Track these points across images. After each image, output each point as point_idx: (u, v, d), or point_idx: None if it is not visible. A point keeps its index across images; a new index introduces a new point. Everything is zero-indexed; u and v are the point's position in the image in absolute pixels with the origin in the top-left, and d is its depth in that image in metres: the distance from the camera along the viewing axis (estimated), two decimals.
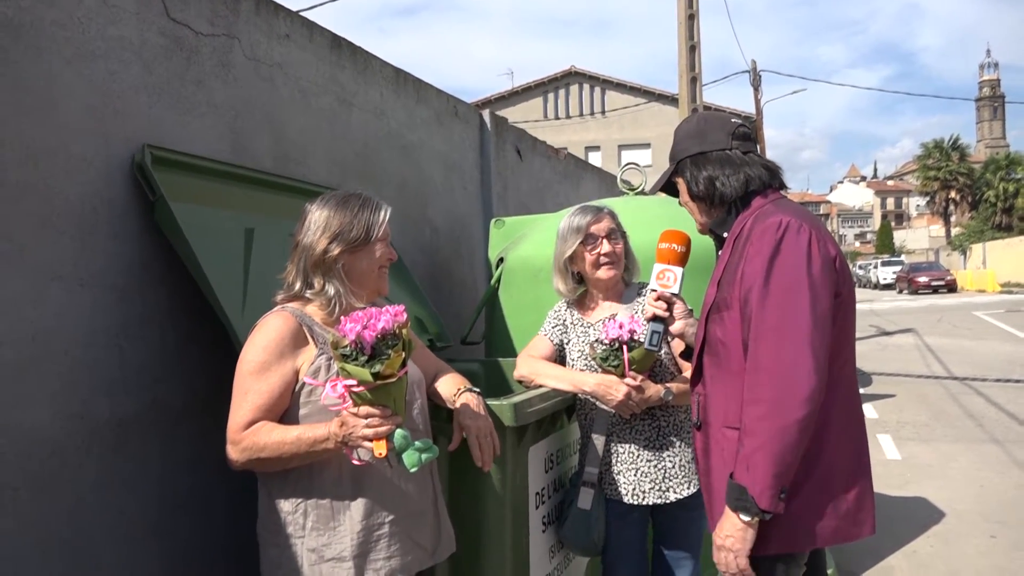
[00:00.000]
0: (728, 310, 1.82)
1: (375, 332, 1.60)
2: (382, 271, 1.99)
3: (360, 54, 3.74)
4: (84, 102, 2.27)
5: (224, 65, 2.83)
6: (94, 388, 2.24)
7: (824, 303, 1.73)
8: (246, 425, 1.78)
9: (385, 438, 1.65)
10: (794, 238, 1.74)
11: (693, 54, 12.97)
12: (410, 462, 1.67)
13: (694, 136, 2.02)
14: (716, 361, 1.88)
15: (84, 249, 2.24)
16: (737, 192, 1.94)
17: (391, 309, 1.66)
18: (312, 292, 1.92)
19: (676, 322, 2.16)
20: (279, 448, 1.74)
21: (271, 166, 3.05)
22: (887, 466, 6.38)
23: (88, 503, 2.20)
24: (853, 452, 1.84)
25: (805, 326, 1.69)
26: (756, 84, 22.98)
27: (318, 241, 1.90)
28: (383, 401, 1.64)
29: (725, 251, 1.92)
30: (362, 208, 1.94)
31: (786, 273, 1.72)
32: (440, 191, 4.54)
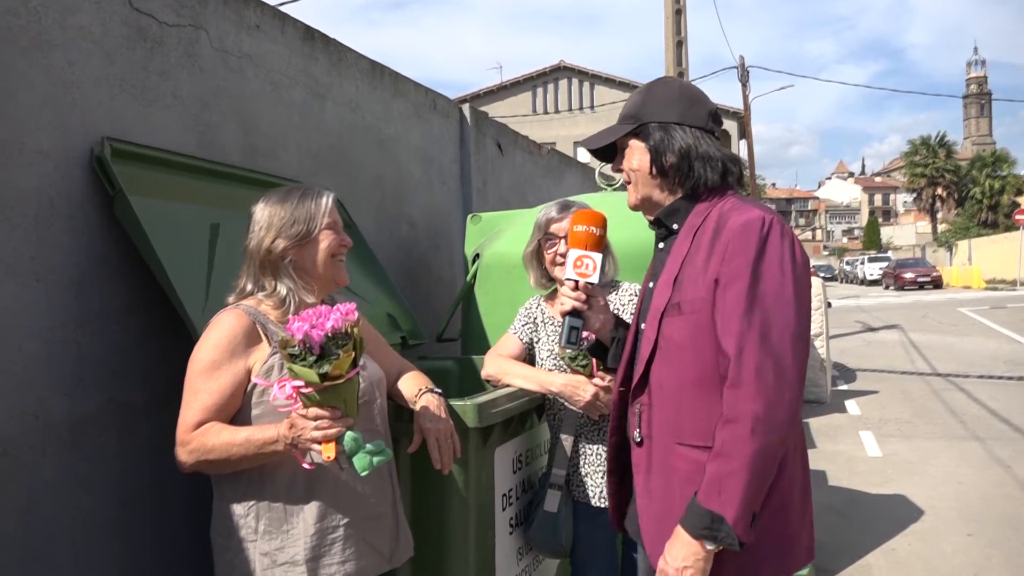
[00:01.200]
0: (693, 312, 1.63)
1: (323, 331, 1.56)
2: (336, 260, 1.93)
3: (334, 46, 3.68)
4: (40, 93, 2.21)
5: (190, 56, 2.78)
6: (50, 385, 2.19)
7: (808, 313, 1.61)
8: (195, 426, 1.74)
9: (335, 441, 1.61)
10: (779, 239, 1.59)
11: (680, 49, 12.94)
12: (360, 465, 1.63)
13: (676, 102, 1.77)
14: (670, 368, 1.68)
15: (40, 243, 2.18)
16: (715, 182, 1.74)
17: (342, 307, 1.62)
18: (264, 294, 1.87)
19: (596, 316, 1.91)
20: (227, 450, 1.70)
21: (240, 160, 2.99)
22: (868, 463, 6.39)
23: (43, 503, 2.15)
24: (804, 475, 1.73)
25: (791, 338, 1.54)
26: (744, 80, 23.00)
27: (263, 240, 1.86)
28: (332, 403, 1.60)
29: (681, 245, 1.72)
30: (302, 199, 1.90)
31: (774, 277, 1.55)
32: (418, 186, 4.49)
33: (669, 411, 1.67)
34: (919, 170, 57.97)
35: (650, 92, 1.82)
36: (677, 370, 1.66)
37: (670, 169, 1.74)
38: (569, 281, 1.88)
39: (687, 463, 1.62)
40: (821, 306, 8.92)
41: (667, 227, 1.80)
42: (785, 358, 1.53)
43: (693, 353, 1.63)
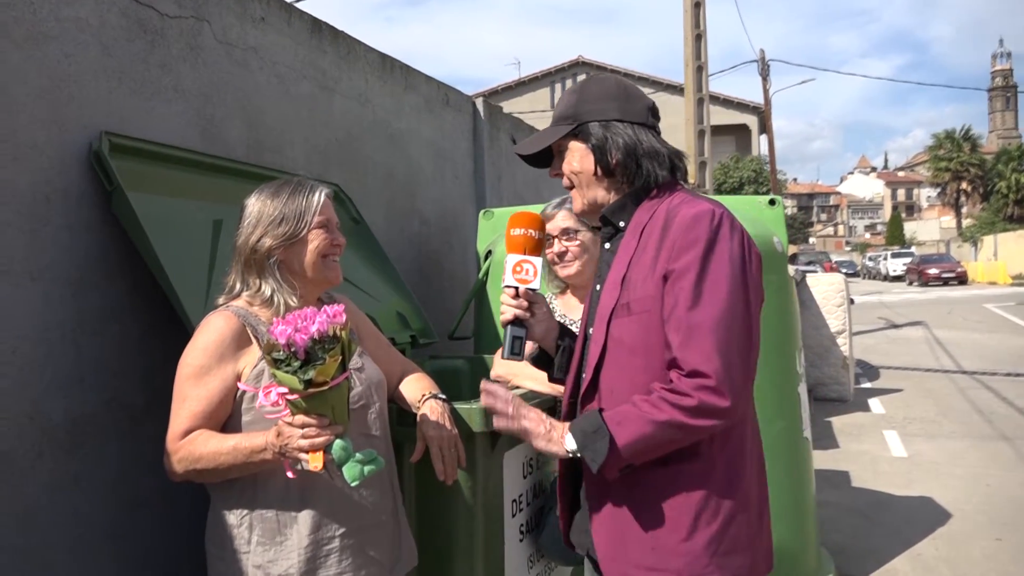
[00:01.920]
0: (643, 312, 1.55)
1: (308, 335, 1.48)
2: (328, 261, 1.84)
3: (343, 39, 3.61)
4: (35, 87, 2.15)
5: (193, 48, 2.71)
6: (47, 387, 2.13)
7: (758, 310, 1.55)
8: (183, 434, 1.67)
9: (323, 450, 1.53)
10: (729, 232, 1.52)
11: (699, 43, 12.78)
12: (350, 475, 1.54)
13: (613, 99, 1.68)
14: (620, 372, 1.59)
15: (34, 241, 2.12)
16: (664, 177, 1.65)
17: (329, 309, 1.54)
18: (248, 293, 1.79)
19: (539, 324, 1.79)
20: (216, 459, 1.63)
21: (245, 154, 2.93)
22: (892, 464, 6.24)
23: (40, 506, 2.09)
24: (760, 479, 1.66)
25: (742, 328, 1.48)
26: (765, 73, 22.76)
27: (249, 237, 1.78)
28: (320, 410, 1.52)
29: (628, 243, 1.63)
30: (293, 195, 1.81)
31: (723, 270, 1.49)
32: (430, 181, 4.41)
33: None
34: (943, 164, 57.20)
35: (585, 90, 1.73)
36: (628, 374, 1.57)
37: (616, 167, 1.66)
38: (508, 288, 1.76)
39: (643, 470, 1.55)
40: (844, 302, 8.75)
41: (613, 225, 1.70)
42: (736, 351, 1.47)
43: (645, 355, 1.55)
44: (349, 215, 3.40)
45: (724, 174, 29.66)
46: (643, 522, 1.55)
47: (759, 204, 3.53)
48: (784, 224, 3.53)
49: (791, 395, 3.43)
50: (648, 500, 1.55)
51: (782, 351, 3.38)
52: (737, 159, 31.31)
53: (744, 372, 1.49)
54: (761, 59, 22.46)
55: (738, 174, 29.99)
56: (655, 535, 1.54)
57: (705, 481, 1.54)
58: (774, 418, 3.27)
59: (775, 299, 3.35)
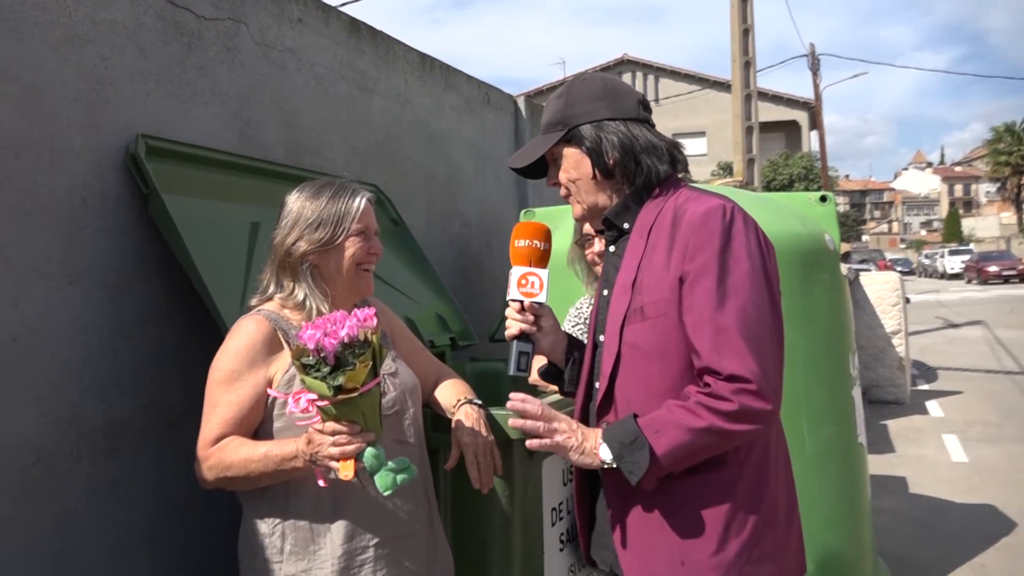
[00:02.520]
0: (658, 316, 1.48)
1: (337, 340, 1.43)
2: (362, 271, 1.79)
3: (381, 39, 3.58)
4: (72, 90, 2.15)
5: (230, 50, 2.70)
6: (84, 390, 2.12)
7: (780, 301, 1.48)
8: (214, 441, 1.63)
9: (354, 458, 1.48)
10: (743, 227, 1.46)
11: (746, 38, 12.54)
12: (382, 484, 1.49)
13: (602, 98, 1.60)
14: (636, 380, 1.52)
15: (72, 244, 2.12)
16: (664, 173, 1.58)
17: (360, 313, 1.49)
18: (281, 295, 1.76)
19: (546, 338, 1.72)
20: (246, 466, 1.59)
21: (283, 156, 2.91)
22: (952, 469, 6.01)
23: (78, 511, 2.09)
24: (788, 481, 1.59)
25: (769, 329, 1.42)
26: (815, 68, 22.31)
27: (285, 238, 1.74)
28: (350, 417, 1.47)
29: (635, 246, 1.56)
30: (333, 198, 1.76)
31: (742, 267, 1.42)
32: (471, 182, 4.37)
33: None
34: (1003, 158, 55.42)
35: (571, 93, 1.65)
36: (645, 382, 1.51)
37: (615, 168, 1.58)
38: (514, 303, 1.69)
39: (667, 480, 1.47)
40: (899, 302, 8.49)
41: (618, 227, 1.63)
42: (767, 352, 1.41)
43: (661, 360, 1.49)
44: (388, 216, 3.36)
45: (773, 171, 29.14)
46: (670, 536, 1.48)
47: (809, 201, 3.41)
48: (836, 221, 3.41)
49: (844, 398, 3.30)
50: (674, 512, 1.48)
51: (834, 353, 3.26)
52: (787, 156, 30.74)
53: (779, 372, 1.43)
54: (811, 53, 22.02)
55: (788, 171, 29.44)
56: (684, 549, 1.47)
57: (732, 489, 1.47)
58: (826, 422, 3.16)
59: (827, 299, 3.23)
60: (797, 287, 3.06)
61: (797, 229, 3.15)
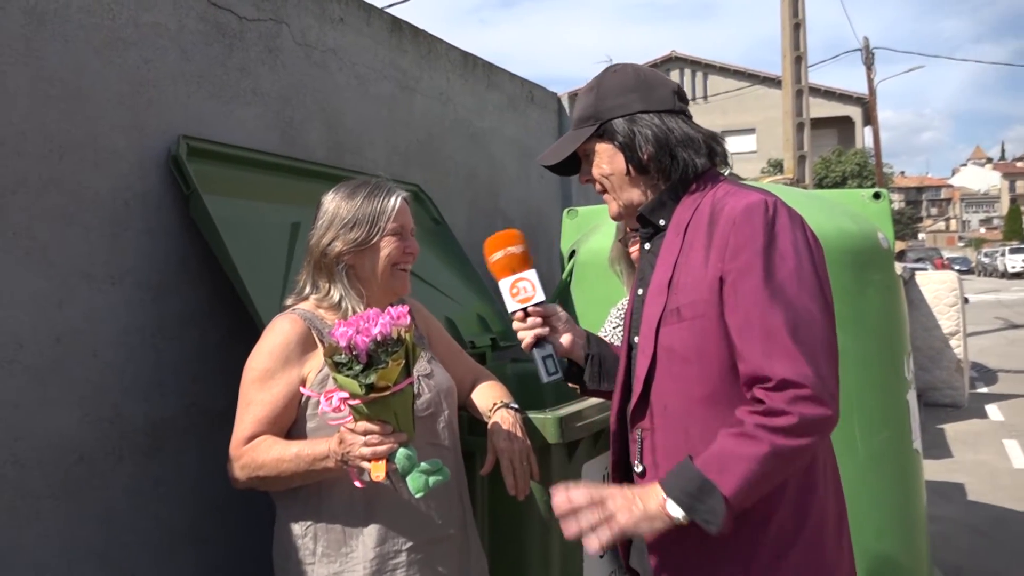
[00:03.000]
0: (696, 317, 1.40)
1: (370, 337, 1.41)
2: (398, 271, 1.76)
3: (423, 37, 3.57)
4: (115, 92, 2.17)
5: (271, 51, 2.70)
6: (127, 391, 2.14)
7: (832, 300, 1.39)
8: (247, 440, 1.63)
9: (386, 459, 1.46)
10: (788, 222, 1.38)
11: (797, 32, 12.29)
12: (415, 486, 1.46)
13: (634, 90, 1.53)
14: (673, 385, 1.44)
15: (115, 246, 2.14)
16: (702, 167, 1.50)
17: (393, 311, 1.46)
18: (317, 296, 1.74)
19: (562, 335, 1.65)
20: (278, 466, 1.58)
21: (325, 156, 2.91)
22: (1014, 476, 5.79)
23: (120, 510, 2.11)
24: (838, 493, 1.49)
25: (821, 331, 1.32)
26: (869, 62, 21.80)
27: (321, 239, 1.73)
28: (382, 416, 1.45)
29: (671, 243, 1.48)
30: (369, 197, 1.74)
31: (789, 264, 1.34)
32: (514, 180, 4.33)
33: (676, 436, 1.43)
34: None
35: (602, 86, 1.57)
36: (682, 387, 1.43)
37: (650, 163, 1.51)
38: (517, 313, 1.62)
39: None
40: (957, 302, 8.22)
41: (653, 224, 1.55)
42: (820, 357, 1.31)
43: (699, 365, 1.40)
44: (430, 216, 3.35)
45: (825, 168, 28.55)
46: (709, 556, 1.40)
47: (862, 198, 3.29)
48: (890, 219, 3.29)
49: (898, 403, 3.19)
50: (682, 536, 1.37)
51: (889, 355, 3.14)
52: (839, 152, 30.10)
53: (834, 374, 1.34)
54: (865, 47, 21.51)
55: (840, 168, 28.81)
56: (724, 570, 1.40)
57: (776, 503, 1.38)
58: (880, 427, 3.05)
59: (880, 299, 3.12)
60: (849, 288, 2.96)
61: (849, 227, 3.04)
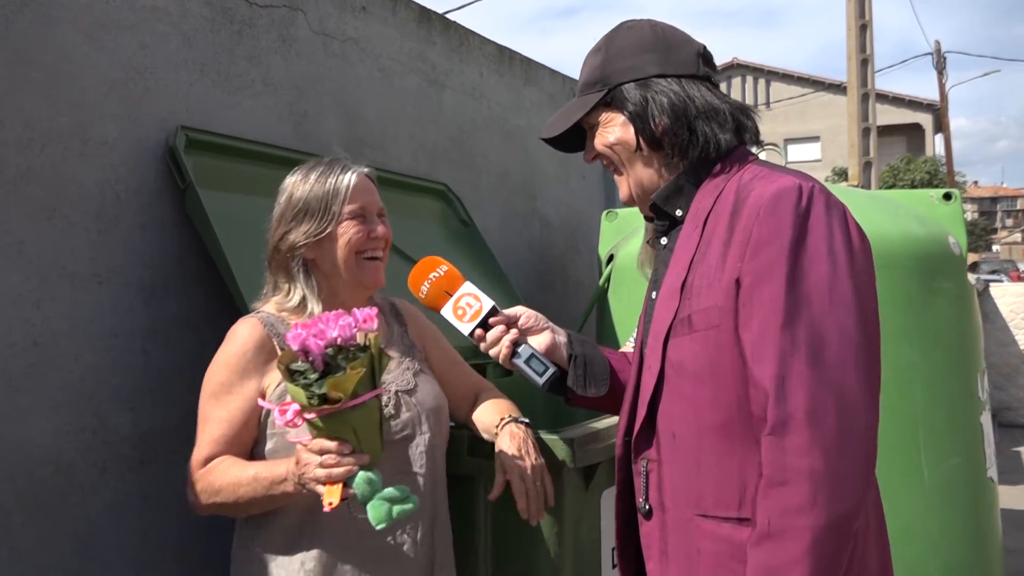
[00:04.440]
0: (708, 328, 1.17)
1: (324, 341, 1.23)
2: (364, 260, 1.54)
3: (455, 29, 3.38)
4: (107, 79, 2.03)
5: (285, 40, 2.55)
6: (112, 398, 1.99)
7: (875, 315, 1.14)
8: (204, 461, 1.45)
9: (342, 483, 1.26)
10: (824, 213, 1.13)
11: (864, 34, 11.81)
12: (375, 516, 1.26)
13: (650, 49, 1.27)
14: (683, 409, 1.20)
15: (103, 242, 2.00)
16: (727, 144, 1.25)
17: (360, 312, 1.27)
18: (278, 298, 1.55)
19: (539, 334, 1.42)
20: (235, 490, 1.39)
21: (342, 152, 2.74)
22: None
23: (101, 527, 1.96)
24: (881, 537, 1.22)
25: (856, 356, 1.07)
26: (940, 67, 21.05)
27: (275, 231, 1.55)
28: (340, 433, 1.26)
29: (688, 238, 1.25)
30: (320, 178, 1.53)
31: (822, 270, 1.10)
32: (552, 181, 4.12)
33: (686, 471, 1.20)
34: None
35: (612, 44, 1.33)
36: (693, 411, 1.19)
37: (663, 136, 1.26)
38: (476, 331, 1.40)
39: (715, 543, 1.15)
40: None
41: (669, 215, 1.31)
42: (850, 387, 1.07)
43: (713, 386, 1.16)
44: (457, 216, 3.16)
45: (893, 176, 27.58)
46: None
47: (931, 199, 2.99)
48: (962, 222, 2.98)
49: (971, 426, 2.87)
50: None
51: (960, 373, 2.83)
52: (908, 160, 29.07)
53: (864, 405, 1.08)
54: (936, 51, 20.76)
55: (909, 176, 27.80)
56: None
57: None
58: (949, 453, 2.74)
59: (951, 311, 2.81)
60: (915, 297, 2.68)
61: (915, 230, 2.75)
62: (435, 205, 3.11)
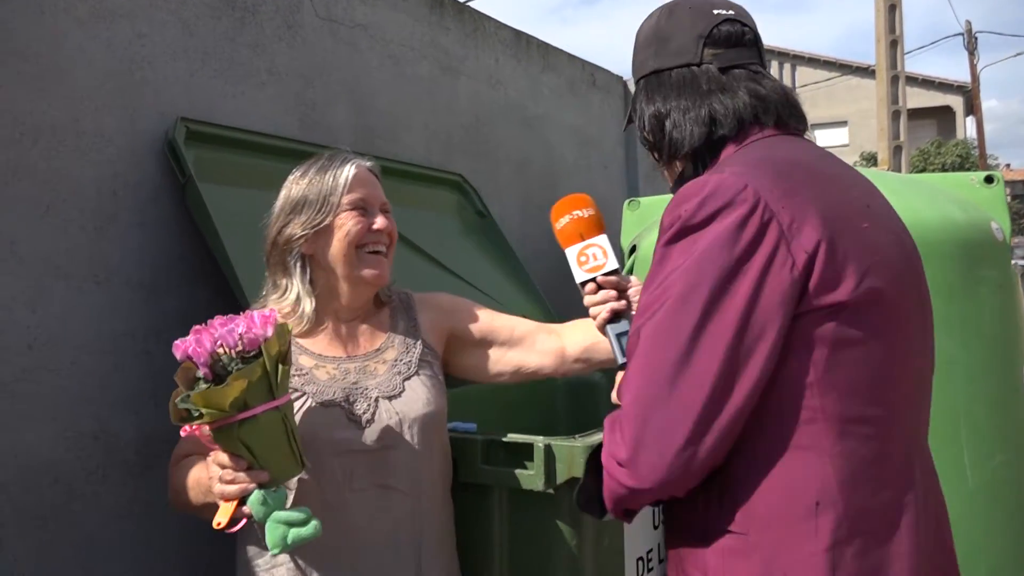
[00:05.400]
0: None
1: (204, 349, 1.16)
2: (365, 254, 1.44)
3: (469, 14, 3.27)
4: (102, 69, 1.95)
5: (290, 27, 2.45)
6: (113, 403, 1.92)
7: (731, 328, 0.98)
8: (177, 458, 1.41)
9: (237, 501, 1.19)
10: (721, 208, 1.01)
11: (893, 14, 11.52)
12: (269, 540, 1.17)
13: (651, 42, 1.22)
14: None
15: (100, 240, 1.92)
16: (694, 139, 1.16)
17: (258, 314, 1.21)
18: (274, 297, 1.47)
19: None
20: (187, 492, 1.34)
21: (352, 142, 2.64)
22: None
23: (103, 537, 1.89)
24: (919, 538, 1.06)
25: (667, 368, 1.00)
26: (972, 48, 20.58)
27: (272, 227, 1.47)
28: (231, 449, 1.18)
29: None
30: (320, 171, 1.46)
31: (670, 291, 1.02)
32: (573, 171, 3.99)
33: None
34: None
35: (637, 34, 1.29)
36: None
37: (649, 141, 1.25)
38: (588, 285, 1.36)
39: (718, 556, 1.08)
40: None
41: None
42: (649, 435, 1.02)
43: None
44: (474, 208, 3.06)
45: (923, 160, 27.03)
46: None
47: (972, 182, 2.84)
48: (1005, 206, 2.82)
49: (1016, 421, 2.73)
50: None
51: (1004, 366, 2.68)
52: (939, 144, 28.49)
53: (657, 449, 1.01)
54: (967, 31, 20.29)
55: (940, 160, 27.23)
56: None
57: None
58: (993, 451, 2.60)
59: (995, 300, 2.67)
60: (956, 286, 2.53)
61: (956, 215, 2.60)
62: (450, 196, 3.01)
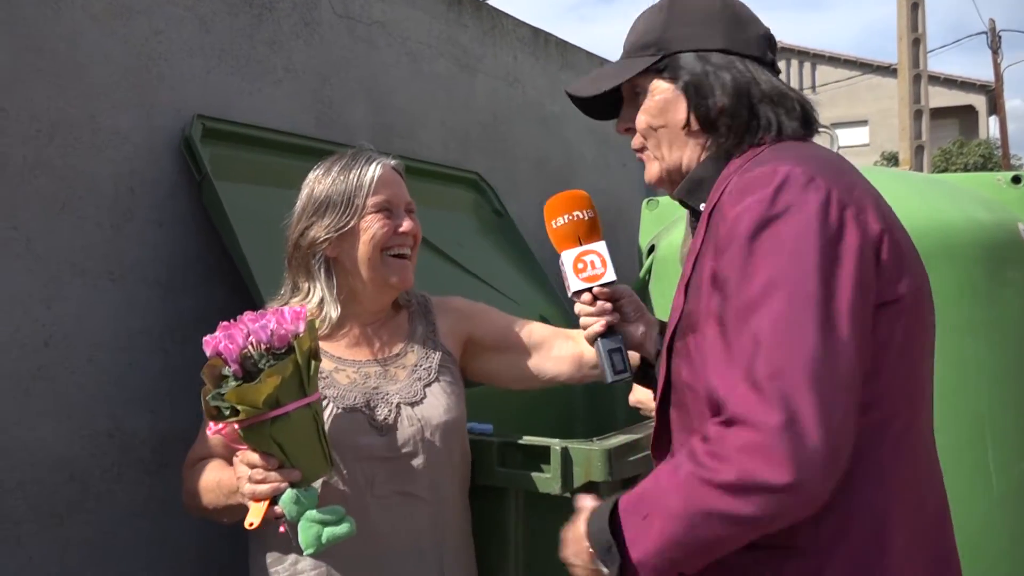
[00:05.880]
0: (694, 333, 1.05)
1: (236, 346, 1.14)
2: (390, 257, 1.42)
3: (486, 11, 3.25)
4: (119, 66, 1.94)
5: (307, 24, 2.44)
6: (129, 400, 1.92)
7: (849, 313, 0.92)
8: (193, 460, 1.40)
9: (268, 501, 1.17)
10: (798, 197, 0.95)
11: (915, 12, 11.40)
12: (303, 540, 1.16)
13: (718, 19, 1.13)
14: (686, 420, 1.07)
15: (117, 238, 1.91)
16: (795, 132, 1.10)
17: (289, 311, 1.19)
18: (297, 300, 1.45)
19: (633, 325, 1.32)
20: (205, 496, 1.35)
21: (369, 140, 2.59)
22: None
23: (118, 535, 1.88)
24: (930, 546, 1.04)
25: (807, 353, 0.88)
26: (995, 46, 20.32)
27: (294, 228, 1.45)
28: (261, 447, 1.16)
29: (698, 233, 1.11)
30: (344, 170, 1.43)
31: (775, 261, 0.94)
32: (591, 169, 3.96)
33: None
34: None
35: (676, 7, 1.18)
36: (696, 421, 1.04)
37: (719, 116, 1.11)
38: (582, 295, 1.28)
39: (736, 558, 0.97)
40: None
41: (692, 208, 1.17)
42: (798, 394, 0.87)
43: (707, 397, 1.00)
44: (491, 206, 3.04)
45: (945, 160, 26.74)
46: None
47: (998, 182, 2.79)
48: None
49: None
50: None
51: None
52: (961, 144, 28.18)
53: (826, 424, 0.87)
54: (991, 30, 20.04)
55: (962, 160, 26.92)
56: None
57: None
58: (1019, 456, 2.55)
59: (1020, 302, 2.62)
60: (981, 288, 2.49)
61: (981, 216, 2.56)
62: (467, 195, 2.99)
